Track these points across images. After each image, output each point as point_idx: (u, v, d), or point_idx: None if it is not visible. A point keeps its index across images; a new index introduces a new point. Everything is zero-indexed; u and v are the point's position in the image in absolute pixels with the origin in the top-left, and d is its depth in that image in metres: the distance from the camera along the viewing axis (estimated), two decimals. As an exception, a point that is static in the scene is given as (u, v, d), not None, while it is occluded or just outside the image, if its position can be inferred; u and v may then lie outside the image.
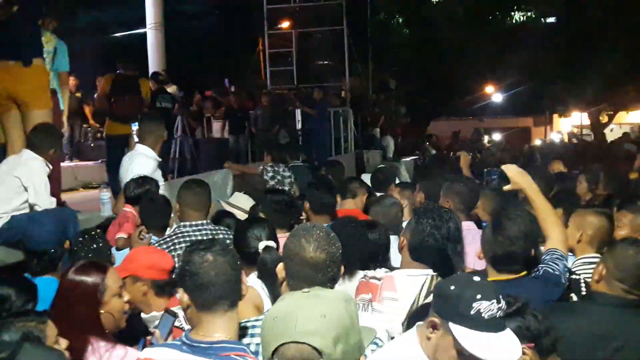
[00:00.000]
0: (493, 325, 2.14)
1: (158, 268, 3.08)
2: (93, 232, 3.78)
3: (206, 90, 14.46)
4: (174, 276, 2.91)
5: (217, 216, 4.72)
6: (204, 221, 3.94)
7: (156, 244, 3.83)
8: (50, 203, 4.43)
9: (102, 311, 2.57)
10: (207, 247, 2.26)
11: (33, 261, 3.54)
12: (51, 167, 4.69)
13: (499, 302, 2.17)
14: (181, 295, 2.23)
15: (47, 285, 3.33)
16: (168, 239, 3.86)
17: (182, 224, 3.96)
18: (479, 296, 2.14)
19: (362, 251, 3.49)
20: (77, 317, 2.51)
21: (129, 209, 4.62)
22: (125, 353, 2.50)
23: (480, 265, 3.80)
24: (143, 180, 4.67)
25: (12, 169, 4.45)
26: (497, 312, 2.16)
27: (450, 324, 2.12)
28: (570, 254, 3.39)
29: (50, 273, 3.50)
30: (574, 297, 3.13)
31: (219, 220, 4.54)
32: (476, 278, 2.26)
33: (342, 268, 2.41)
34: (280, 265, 2.41)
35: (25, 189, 4.42)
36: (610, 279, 2.79)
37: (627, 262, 2.77)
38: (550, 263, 3.02)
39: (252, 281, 3.11)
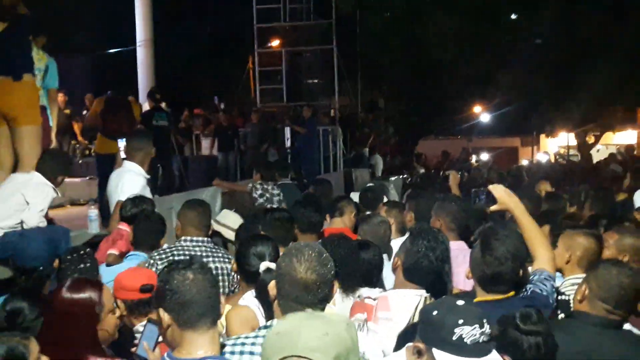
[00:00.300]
0: (476, 350, 2.13)
1: (128, 288, 3.09)
2: (82, 252, 3.75)
3: (195, 107, 14.50)
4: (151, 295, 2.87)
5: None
6: (205, 238, 4.00)
7: (156, 255, 3.87)
8: (38, 223, 4.39)
9: (98, 328, 2.58)
10: (186, 266, 2.28)
11: (21, 278, 3.49)
12: (59, 194, 4.72)
13: (482, 326, 2.16)
14: (162, 314, 2.23)
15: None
16: (167, 250, 3.90)
17: (182, 238, 4.01)
18: (461, 321, 2.13)
19: (354, 270, 3.49)
20: (74, 334, 2.51)
21: (124, 227, 4.59)
22: None
23: (470, 285, 3.81)
24: (140, 200, 4.66)
25: (21, 187, 4.44)
26: (480, 337, 2.15)
27: (434, 350, 2.12)
28: (558, 274, 3.40)
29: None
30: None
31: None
32: (460, 302, 2.26)
33: (336, 287, 2.41)
34: (272, 284, 2.42)
35: (27, 205, 4.41)
36: (594, 298, 2.80)
37: (610, 282, 2.78)
38: (539, 283, 3.02)
39: (248, 300, 3.11)
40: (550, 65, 15.52)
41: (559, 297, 3.25)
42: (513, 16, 15.60)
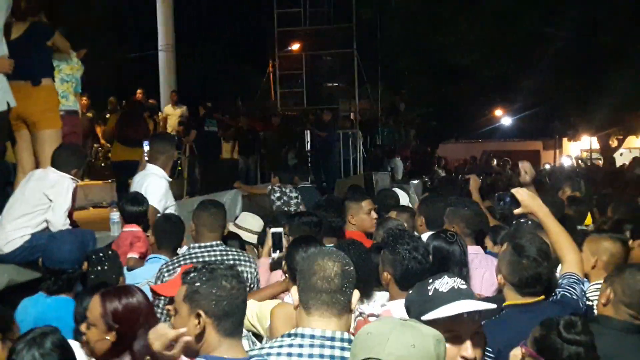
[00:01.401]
0: (455, 295, 2.18)
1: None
2: (101, 254, 3.77)
3: (214, 112, 14.54)
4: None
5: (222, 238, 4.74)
6: (215, 242, 3.90)
7: (165, 266, 3.81)
8: (63, 225, 4.40)
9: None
10: (234, 276, 2.23)
11: (50, 279, 3.50)
12: (79, 181, 4.68)
13: (450, 277, 2.24)
14: (204, 318, 2.15)
15: (62, 305, 3.35)
16: (176, 261, 3.83)
17: (192, 245, 3.96)
18: (430, 280, 2.22)
19: (368, 274, 3.44)
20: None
21: (134, 228, 4.59)
22: None
23: (487, 290, 3.79)
24: (142, 198, 4.66)
25: (41, 186, 4.42)
26: (454, 283, 2.20)
27: (423, 318, 2.12)
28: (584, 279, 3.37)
29: (65, 293, 3.48)
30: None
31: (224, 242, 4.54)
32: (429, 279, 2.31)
33: (357, 295, 2.36)
34: (294, 289, 2.36)
35: (50, 203, 4.39)
36: (618, 303, 2.78)
37: (635, 287, 2.76)
38: (568, 287, 3.00)
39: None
40: (572, 69, 15.39)
41: (585, 303, 3.22)
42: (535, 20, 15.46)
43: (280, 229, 4.24)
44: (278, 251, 4.13)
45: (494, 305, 2.24)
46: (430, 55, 16.91)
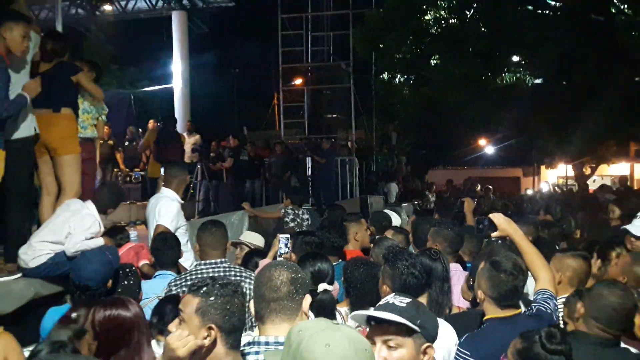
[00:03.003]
0: (384, 307, 2.21)
1: None
2: (127, 270, 3.76)
3: (223, 140, 14.63)
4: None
5: (247, 255, 4.72)
6: (220, 259, 3.85)
7: (174, 281, 3.78)
8: (74, 253, 4.28)
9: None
10: (242, 293, 2.18)
11: (76, 293, 3.48)
12: (102, 229, 4.60)
13: (400, 296, 2.27)
14: (215, 332, 2.07)
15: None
16: (182, 277, 3.80)
17: (198, 262, 3.93)
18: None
19: (372, 290, 3.44)
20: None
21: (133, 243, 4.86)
22: None
23: (464, 302, 3.79)
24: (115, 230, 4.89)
25: (70, 216, 4.40)
26: (393, 299, 2.23)
27: (350, 316, 2.21)
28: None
29: None
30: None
31: (249, 258, 4.53)
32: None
33: (309, 297, 2.33)
34: (251, 303, 2.32)
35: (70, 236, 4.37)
36: (587, 317, 2.78)
37: (601, 302, 2.76)
38: (543, 302, 3.00)
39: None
40: (549, 104, 15.47)
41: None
42: (515, 58, 15.57)
43: (287, 235, 4.24)
44: (284, 254, 4.11)
45: (396, 317, 2.16)
46: (419, 90, 17.02)
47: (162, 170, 8.17)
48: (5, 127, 4.55)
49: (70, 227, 4.33)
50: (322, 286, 3.12)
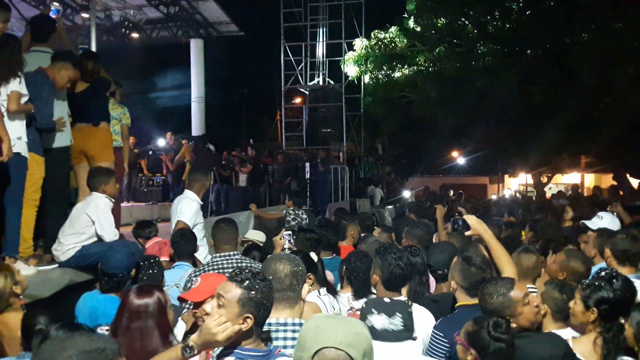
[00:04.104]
0: (386, 336, 2.11)
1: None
2: (152, 260, 3.74)
3: (233, 150, 14.63)
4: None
5: (246, 249, 4.69)
6: (232, 252, 3.83)
7: (193, 272, 3.75)
8: (115, 235, 4.37)
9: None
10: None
11: (104, 280, 3.47)
12: (114, 200, 4.56)
13: (391, 316, 2.12)
14: (251, 321, 2.00)
15: (111, 303, 3.31)
16: (206, 267, 3.78)
17: (215, 255, 3.91)
18: (373, 310, 2.13)
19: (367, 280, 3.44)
20: (146, 329, 2.42)
21: (158, 239, 4.77)
22: None
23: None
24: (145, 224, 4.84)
25: (84, 207, 4.42)
26: (389, 325, 2.12)
27: None
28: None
29: (114, 292, 3.45)
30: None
31: (248, 251, 4.49)
32: (386, 299, 2.23)
33: (307, 286, 2.32)
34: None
35: (93, 223, 4.37)
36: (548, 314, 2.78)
37: (550, 298, 2.76)
38: None
39: (314, 297, 3.17)
40: (512, 121, 15.53)
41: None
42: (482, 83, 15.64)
43: (290, 232, 4.31)
44: (287, 248, 4.14)
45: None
46: (401, 108, 17.07)
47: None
48: (45, 138, 4.57)
49: (90, 215, 4.30)
50: (329, 273, 3.24)
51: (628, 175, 18.30)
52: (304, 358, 1.50)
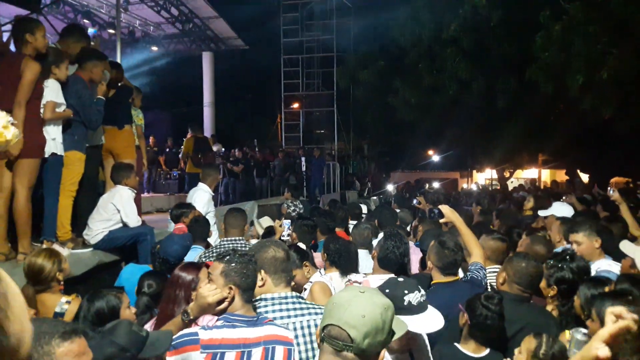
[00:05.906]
0: (420, 308, 2.11)
1: None
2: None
3: (239, 149, 14.59)
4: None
5: (264, 235, 4.65)
6: (238, 237, 3.85)
7: (204, 253, 3.75)
8: (137, 221, 4.38)
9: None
10: (255, 261, 2.14)
11: (159, 261, 3.38)
12: (135, 191, 4.58)
13: (419, 291, 2.13)
14: (235, 290, 2.04)
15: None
16: (214, 249, 3.80)
17: (222, 239, 3.95)
18: (406, 291, 2.11)
19: (351, 260, 3.48)
20: (178, 297, 2.41)
21: (181, 225, 4.58)
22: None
23: (414, 268, 3.84)
24: (182, 205, 4.65)
25: (110, 198, 4.44)
26: (421, 298, 2.13)
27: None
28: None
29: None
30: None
31: (268, 234, 4.48)
32: (400, 279, 2.21)
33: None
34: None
35: (118, 211, 4.38)
36: (510, 282, 2.77)
37: (521, 271, 2.75)
38: (475, 271, 3.01)
39: (324, 277, 3.19)
40: (479, 124, 15.56)
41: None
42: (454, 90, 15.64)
43: (289, 220, 4.41)
44: (286, 235, 4.17)
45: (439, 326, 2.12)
46: (385, 112, 17.08)
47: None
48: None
49: (115, 204, 4.31)
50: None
51: (578, 171, 18.42)
52: (320, 326, 1.49)
